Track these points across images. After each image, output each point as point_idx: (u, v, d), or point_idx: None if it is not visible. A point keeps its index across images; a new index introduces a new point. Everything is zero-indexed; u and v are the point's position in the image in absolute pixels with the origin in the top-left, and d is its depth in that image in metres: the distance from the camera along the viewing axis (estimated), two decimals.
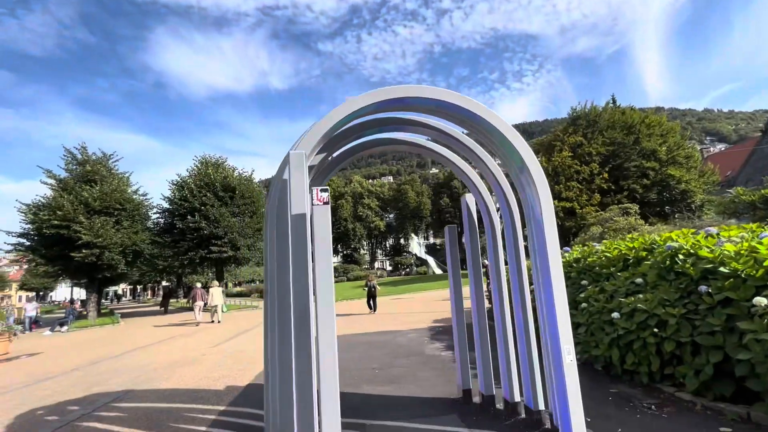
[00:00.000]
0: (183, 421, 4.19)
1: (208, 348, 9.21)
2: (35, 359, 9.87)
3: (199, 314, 16.98)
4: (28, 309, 19.28)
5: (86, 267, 19.64)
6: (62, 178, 20.46)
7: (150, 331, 14.94)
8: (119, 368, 7.48)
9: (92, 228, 18.71)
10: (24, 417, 4.76)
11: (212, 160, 24.85)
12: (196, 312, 17.01)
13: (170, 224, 22.55)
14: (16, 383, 6.93)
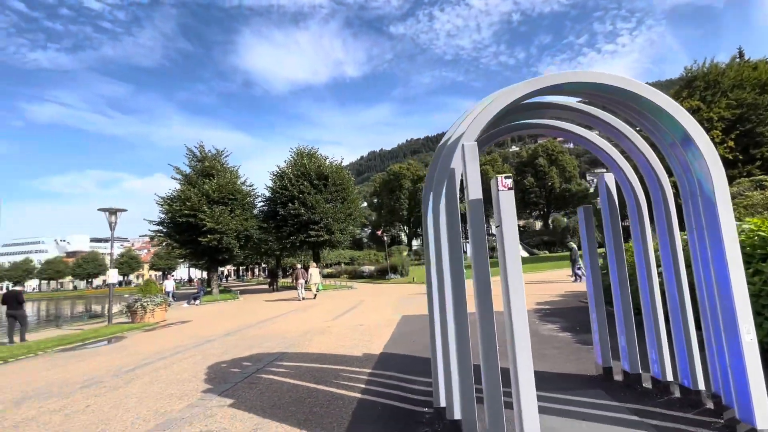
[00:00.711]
0: (342, 379, 4.89)
1: (327, 321, 10.27)
2: (189, 325, 11.89)
3: (302, 291, 18.97)
4: (167, 285, 22.94)
5: (209, 250, 22.72)
6: (187, 174, 23.71)
7: (266, 305, 16.94)
8: (263, 335, 8.77)
9: (213, 216, 21.51)
10: (212, 369, 5.92)
11: (305, 151, 26.72)
12: (299, 289, 19.06)
13: (273, 211, 24.91)
14: (187, 344, 8.51)
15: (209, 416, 3.88)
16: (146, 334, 10.77)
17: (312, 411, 3.85)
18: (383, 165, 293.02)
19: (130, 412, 4.21)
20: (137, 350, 8.17)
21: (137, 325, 12.44)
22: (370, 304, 13.78)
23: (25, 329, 11.03)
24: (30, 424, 4.06)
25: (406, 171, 74.30)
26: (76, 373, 6.42)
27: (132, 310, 13.11)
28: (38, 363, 7.69)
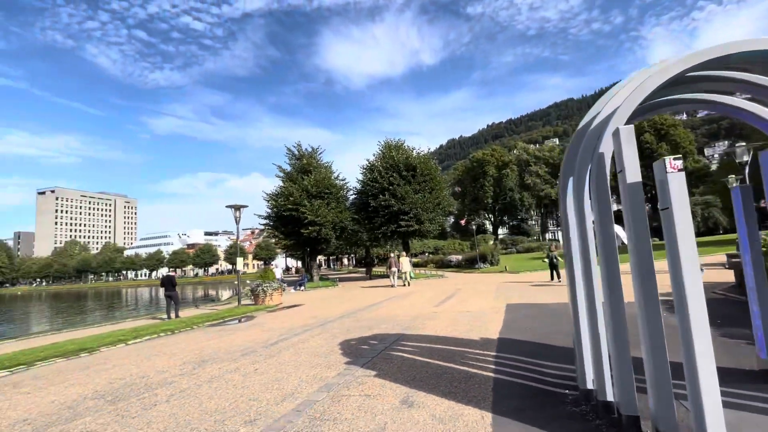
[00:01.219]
0: (469, 359, 5.15)
1: (431, 307, 10.63)
2: (304, 308, 13.19)
3: (395, 279, 20.04)
4: (276, 273, 25.52)
5: (310, 240, 24.70)
6: (288, 171, 25.95)
7: (365, 291, 17.98)
8: (375, 318, 9.44)
9: (313, 209, 23.29)
10: (344, 345, 6.61)
11: (393, 143, 27.40)
12: (392, 277, 20.13)
13: (365, 203, 26.09)
14: (310, 323, 9.52)
15: (361, 383, 4.42)
16: (271, 314, 12.24)
17: (452, 385, 4.17)
18: (463, 152, 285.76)
19: (292, 375, 4.97)
20: (270, 327, 9.38)
21: (260, 306, 14.17)
22: (468, 293, 13.85)
23: (179, 307, 13.27)
24: (219, 380, 5.02)
25: (490, 157, 71.57)
26: (231, 343, 7.64)
27: (255, 293, 14.94)
28: (197, 335, 9.27)
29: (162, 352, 7.36)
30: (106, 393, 4.86)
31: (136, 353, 7.42)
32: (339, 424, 3.37)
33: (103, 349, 8.15)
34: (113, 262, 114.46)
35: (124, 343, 8.60)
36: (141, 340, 8.90)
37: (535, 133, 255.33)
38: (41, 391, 5.24)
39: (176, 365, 6.10)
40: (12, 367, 6.83)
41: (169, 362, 6.37)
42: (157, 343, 8.38)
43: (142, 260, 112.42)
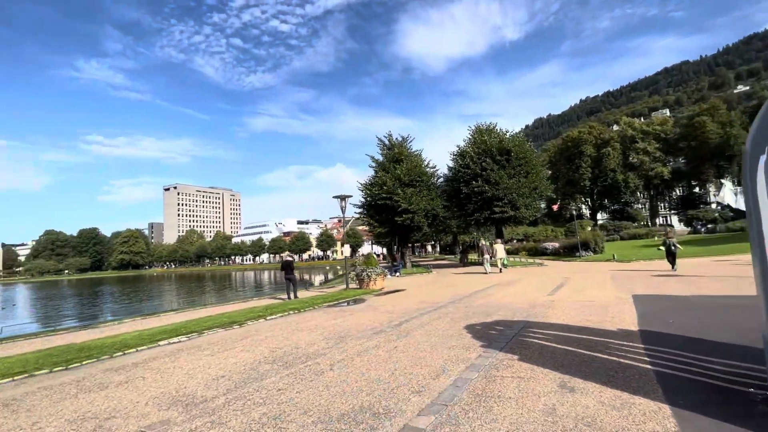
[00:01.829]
0: (615, 350, 4.95)
1: (544, 296, 10.29)
2: (408, 293, 13.68)
3: (488, 266, 20.09)
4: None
5: (403, 228, 25.31)
6: (380, 161, 26.76)
7: (462, 278, 17.97)
8: (487, 304, 9.47)
9: (406, 197, 23.78)
10: (470, 329, 6.79)
11: (484, 127, 26.58)
12: (485, 264, 20.16)
13: (456, 190, 25.83)
14: (422, 307, 9.88)
15: (508, 366, 4.55)
16: (379, 297, 12.94)
17: (608, 374, 4.08)
18: (552, 132, 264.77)
19: (432, 354, 5.29)
20: (386, 310, 9.96)
21: (366, 290, 15.05)
22: (580, 282, 13.08)
23: (297, 289, 14.72)
24: (367, 354, 5.55)
25: (587, 135, 65.28)
26: (357, 323, 8.31)
27: (360, 278, 15.90)
28: (321, 314, 10.23)
29: (299, 328, 8.29)
30: (274, 359, 5.69)
31: (278, 327, 8.47)
32: (505, 401, 3.55)
33: (249, 322, 9.44)
34: (224, 248, 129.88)
35: (264, 319, 9.86)
36: (275, 317, 10.11)
37: (640, 105, 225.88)
38: (221, 354, 6.31)
39: (319, 340, 6.85)
40: (188, 333, 8.29)
41: (311, 337, 7.18)
42: (290, 320, 9.46)
43: (247, 247, 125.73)
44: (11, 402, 4.70)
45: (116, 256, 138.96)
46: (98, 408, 4.23)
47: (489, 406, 3.48)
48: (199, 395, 4.36)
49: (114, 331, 10.07)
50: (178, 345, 7.43)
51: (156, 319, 12.08)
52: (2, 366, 6.31)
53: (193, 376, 5.18)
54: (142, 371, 5.66)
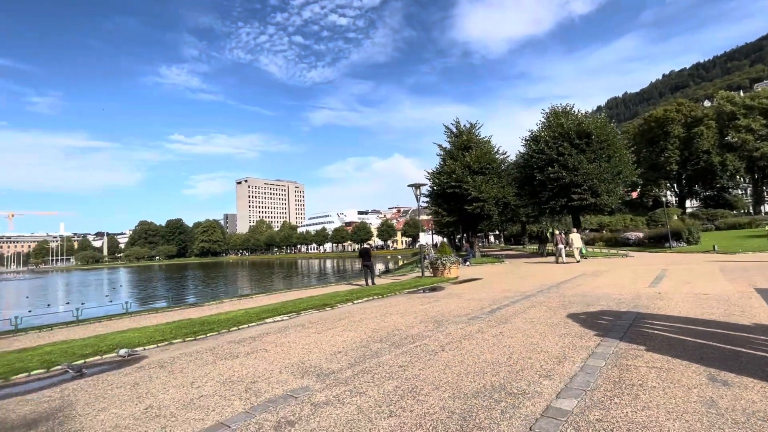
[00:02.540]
0: (759, 346, 4.48)
1: (644, 288, 9.56)
2: (487, 281, 13.44)
3: (563, 256, 19.62)
4: (432, 251, 26.62)
5: (472, 217, 24.84)
6: (447, 149, 26.39)
7: (540, 268, 17.25)
8: (580, 294, 9.02)
9: (476, 185, 23.25)
10: (573, 318, 6.53)
11: (560, 110, 25.02)
12: (559, 254, 19.68)
13: (529, 176, 24.72)
14: (510, 296, 9.66)
15: (637, 356, 4.32)
16: (458, 285, 12.88)
17: (764, 371, 3.71)
18: (629, 112, 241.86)
19: (545, 341, 5.17)
20: (470, 297, 9.89)
21: (442, 278, 15.04)
22: (683, 274, 11.94)
23: (374, 275, 15.14)
24: (472, 339, 5.57)
25: (675, 113, 58.61)
26: (447, 308, 8.36)
27: (435, 266, 15.92)
28: (404, 300, 10.42)
29: (390, 312, 8.54)
30: (380, 339, 5.94)
31: (370, 311, 8.79)
32: (651, 390, 3.38)
33: (339, 305, 9.92)
34: (290, 237, 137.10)
35: (351, 302, 10.29)
36: (361, 301, 10.50)
37: (738, 77, 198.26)
38: (326, 333, 6.71)
39: (416, 323, 7.01)
40: (287, 313, 8.92)
41: (406, 320, 7.36)
42: (377, 304, 9.77)
43: (311, 236, 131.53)
44: (165, 364, 5.42)
45: (197, 244, 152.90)
46: (239, 373, 4.73)
47: (634, 393, 3.34)
48: (325, 367, 4.69)
49: (219, 309, 11.15)
50: (282, 323, 8.03)
51: (251, 300, 13.14)
52: (146, 334, 7.28)
53: (310, 350, 5.58)
54: (262, 344, 6.21)
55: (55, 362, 5.68)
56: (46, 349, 6.50)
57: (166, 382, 4.60)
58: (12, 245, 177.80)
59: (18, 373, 5.29)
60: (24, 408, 4.06)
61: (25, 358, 6.00)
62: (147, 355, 6.02)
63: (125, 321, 9.99)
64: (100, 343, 6.74)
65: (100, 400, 4.13)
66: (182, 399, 3.99)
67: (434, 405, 3.34)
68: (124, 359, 5.91)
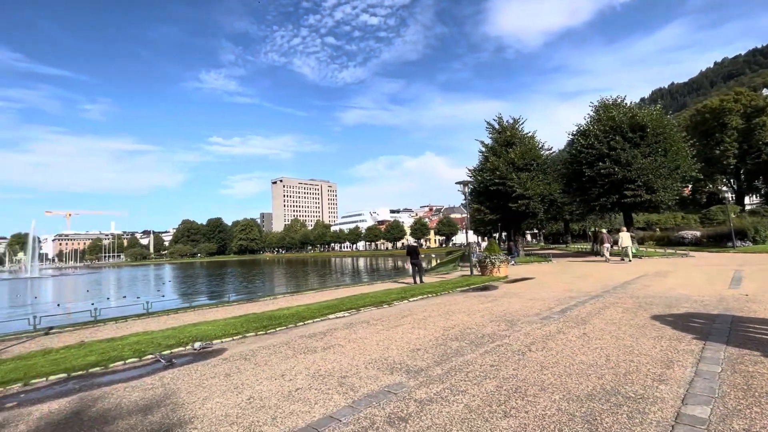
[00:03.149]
0: None
1: (726, 289, 8.92)
2: (540, 281, 13.01)
3: (607, 254, 19.91)
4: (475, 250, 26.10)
5: (517, 215, 24.19)
6: (490, 146, 25.82)
7: (593, 267, 16.52)
8: (653, 295, 8.52)
9: (521, 182, 22.61)
10: (658, 320, 6.16)
11: (610, 102, 23.88)
12: (605, 252, 19.99)
13: (577, 172, 23.76)
14: (574, 296, 9.28)
15: (756, 362, 3.97)
16: (512, 285, 12.55)
17: None
18: (676, 104, 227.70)
19: (639, 344, 4.88)
20: (530, 297, 9.59)
21: (492, 277, 14.72)
22: (763, 275, 11.05)
23: (422, 273, 15.04)
24: (556, 339, 5.37)
25: (733, 104, 54.50)
26: (510, 308, 8.13)
27: (483, 264, 15.61)
28: (461, 298, 10.26)
29: (451, 310, 8.42)
30: (456, 337, 5.84)
31: (430, 308, 8.71)
32: None
33: (395, 303, 9.90)
34: (324, 236, 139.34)
35: (407, 300, 10.25)
36: (416, 299, 10.43)
37: None
38: (394, 330, 6.69)
39: (485, 322, 6.85)
40: (347, 309, 8.99)
41: (474, 319, 7.21)
42: (434, 302, 9.67)
43: (345, 235, 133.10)
44: (248, 356, 5.58)
45: (236, 242, 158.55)
46: (325, 367, 4.78)
47: None
48: (411, 364, 4.65)
49: (276, 304, 11.42)
50: (345, 319, 8.10)
51: (303, 296, 13.40)
52: (218, 328, 7.56)
53: (386, 347, 5.56)
54: (335, 340, 6.27)
55: (145, 351, 5.99)
56: (132, 339, 6.87)
57: (257, 373, 4.72)
58: (70, 243, 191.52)
59: (115, 361, 5.61)
60: (133, 394, 4.29)
61: (116, 347, 6.37)
62: (227, 348, 6.23)
63: (191, 315, 10.44)
64: (179, 334, 7.05)
65: (200, 389, 4.29)
66: (280, 391, 4.07)
67: (548, 407, 3.21)
68: (205, 350, 6.14)
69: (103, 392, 4.42)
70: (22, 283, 49.22)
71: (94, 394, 4.39)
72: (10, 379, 4.96)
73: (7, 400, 4.38)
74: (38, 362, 5.68)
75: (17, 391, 4.68)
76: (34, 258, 76.63)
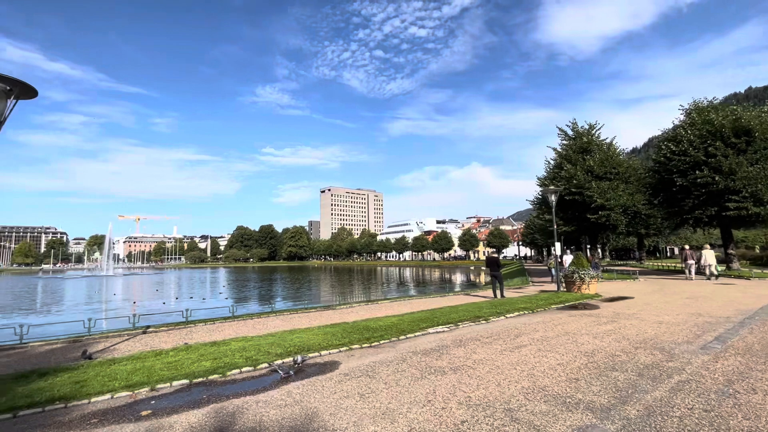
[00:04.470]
0: None
1: None
2: (643, 301, 11.53)
3: (692, 273, 18.81)
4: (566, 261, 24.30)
5: (595, 227, 22.33)
6: (562, 153, 24.21)
7: (691, 287, 14.56)
8: None
9: (602, 192, 20.85)
10: None
11: (703, 105, 21.53)
12: (690, 270, 18.93)
13: (666, 181, 21.53)
14: (711, 321, 7.93)
15: None
16: (613, 304, 11.21)
17: None
18: None
19: None
20: (655, 320, 8.33)
21: (583, 294, 13.36)
22: None
23: (503, 287, 14.00)
24: (753, 375, 4.32)
25: None
26: (648, 333, 7.01)
27: (570, 279, 14.27)
28: (562, 317, 9.18)
29: (567, 330, 7.45)
30: (611, 366, 4.94)
31: (542, 328, 7.77)
32: None
33: (492, 319, 9.05)
34: (371, 245, 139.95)
35: (503, 316, 9.35)
36: (513, 315, 9.50)
37: None
38: (519, 351, 5.88)
39: (628, 348, 5.86)
40: (445, 324, 8.27)
41: (607, 343, 6.23)
42: (537, 321, 8.69)
43: (391, 244, 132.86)
44: (369, 373, 5.03)
45: (286, 249, 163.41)
46: (474, 395, 4.09)
47: None
48: (584, 399, 3.85)
49: (356, 314, 10.95)
50: (447, 335, 7.40)
51: (379, 306, 12.85)
52: (317, 337, 7.14)
53: (529, 373, 4.79)
54: (456, 359, 5.58)
55: (257, 360, 5.64)
56: (236, 345, 6.60)
57: (395, 396, 4.14)
58: (138, 244, 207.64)
59: (230, 368, 5.29)
60: (270, 412, 3.85)
61: (224, 352, 6.11)
62: (339, 361, 5.74)
63: (277, 320, 10.21)
64: (282, 342, 6.70)
65: (343, 412, 3.77)
66: (441, 422, 3.44)
67: None
68: (317, 362, 5.69)
69: (236, 406, 4.03)
70: (100, 280, 53.37)
71: (227, 407, 4.01)
72: (136, 381, 4.75)
73: (141, 407, 4.11)
74: (154, 365, 5.50)
75: (146, 396, 4.43)
76: (109, 258, 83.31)
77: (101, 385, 4.67)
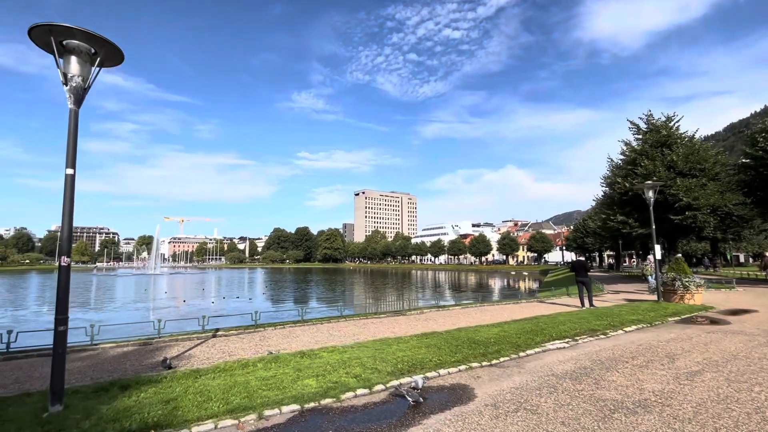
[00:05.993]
0: None
1: None
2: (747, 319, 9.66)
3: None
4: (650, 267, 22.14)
5: (677, 230, 20.03)
6: (636, 147, 22.01)
7: None
8: None
9: (688, 191, 18.61)
10: None
11: None
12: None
13: (764, 179, 18.96)
14: None
15: None
16: (740, 317, 9.42)
17: None
18: None
19: None
20: None
21: (690, 306, 11.54)
22: None
23: (591, 294, 12.39)
24: None
25: None
26: None
27: (671, 288, 12.46)
28: (694, 333, 7.61)
29: (723, 350, 5.96)
30: None
31: (689, 347, 6.30)
32: None
33: (610, 333, 7.64)
34: (406, 248, 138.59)
35: (621, 330, 7.92)
36: (633, 329, 8.07)
37: None
38: (698, 378, 4.52)
39: None
40: (561, 338, 6.97)
41: None
42: (668, 337, 7.19)
43: (427, 247, 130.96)
44: (526, 406, 3.85)
45: (321, 251, 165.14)
46: None
47: None
48: None
49: (432, 321, 9.82)
50: (576, 352, 6.12)
51: (450, 313, 11.62)
52: (415, 349, 6.03)
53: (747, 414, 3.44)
54: (628, 389, 4.30)
55: (367, 379, 4.61)
56: (331, 358, 5.62)
57: None
58: (182, 245, 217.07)
59: (342, 390, 4.28)
60: None
61: (323, 367, 5.13)
62: (468, 385, 4.60)
63: (349, 326, 9.25)
64: (384, 356, 5.65)
65: None
66: None
67: None
68: (444, 387, 4.57)
69: None
70: (148, 278, 55.37)
71: None
72: (237, 405, 3.82)
73: None
74: (249, 380, 4.59)
75: (255, 427, 3.48)
76: (157, 257, 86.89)
77: (197, 407, 3.78)
